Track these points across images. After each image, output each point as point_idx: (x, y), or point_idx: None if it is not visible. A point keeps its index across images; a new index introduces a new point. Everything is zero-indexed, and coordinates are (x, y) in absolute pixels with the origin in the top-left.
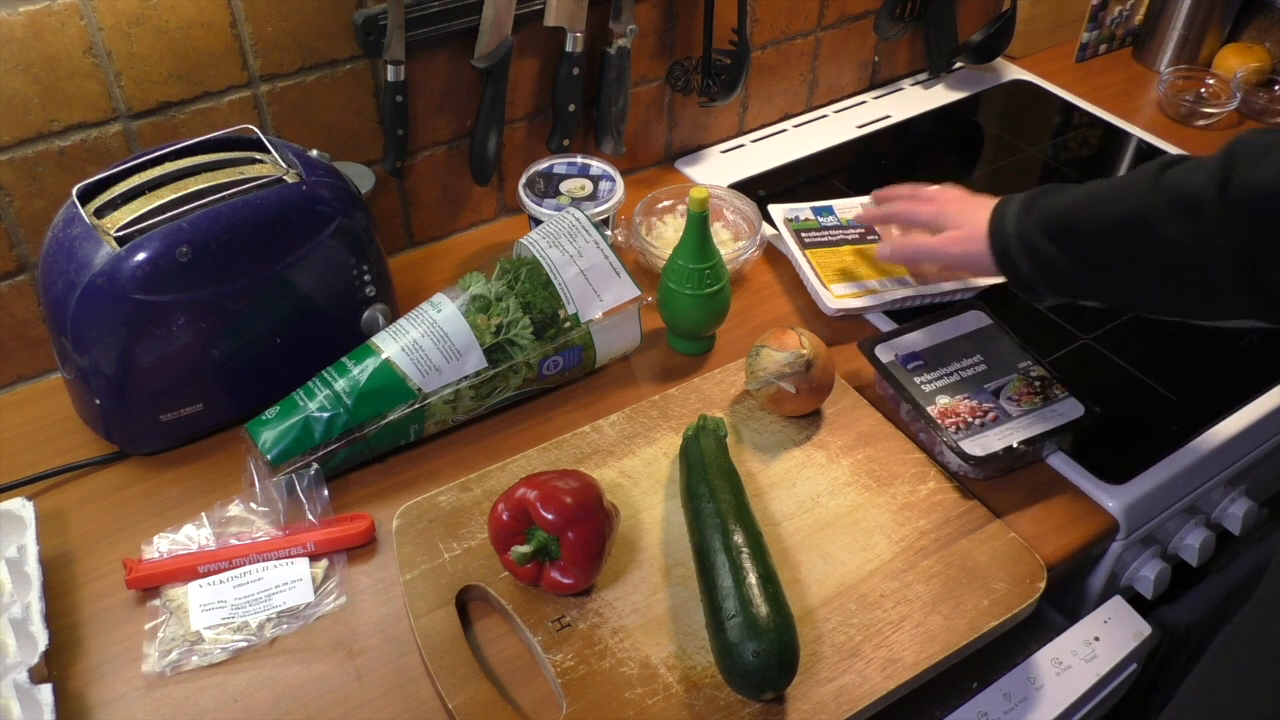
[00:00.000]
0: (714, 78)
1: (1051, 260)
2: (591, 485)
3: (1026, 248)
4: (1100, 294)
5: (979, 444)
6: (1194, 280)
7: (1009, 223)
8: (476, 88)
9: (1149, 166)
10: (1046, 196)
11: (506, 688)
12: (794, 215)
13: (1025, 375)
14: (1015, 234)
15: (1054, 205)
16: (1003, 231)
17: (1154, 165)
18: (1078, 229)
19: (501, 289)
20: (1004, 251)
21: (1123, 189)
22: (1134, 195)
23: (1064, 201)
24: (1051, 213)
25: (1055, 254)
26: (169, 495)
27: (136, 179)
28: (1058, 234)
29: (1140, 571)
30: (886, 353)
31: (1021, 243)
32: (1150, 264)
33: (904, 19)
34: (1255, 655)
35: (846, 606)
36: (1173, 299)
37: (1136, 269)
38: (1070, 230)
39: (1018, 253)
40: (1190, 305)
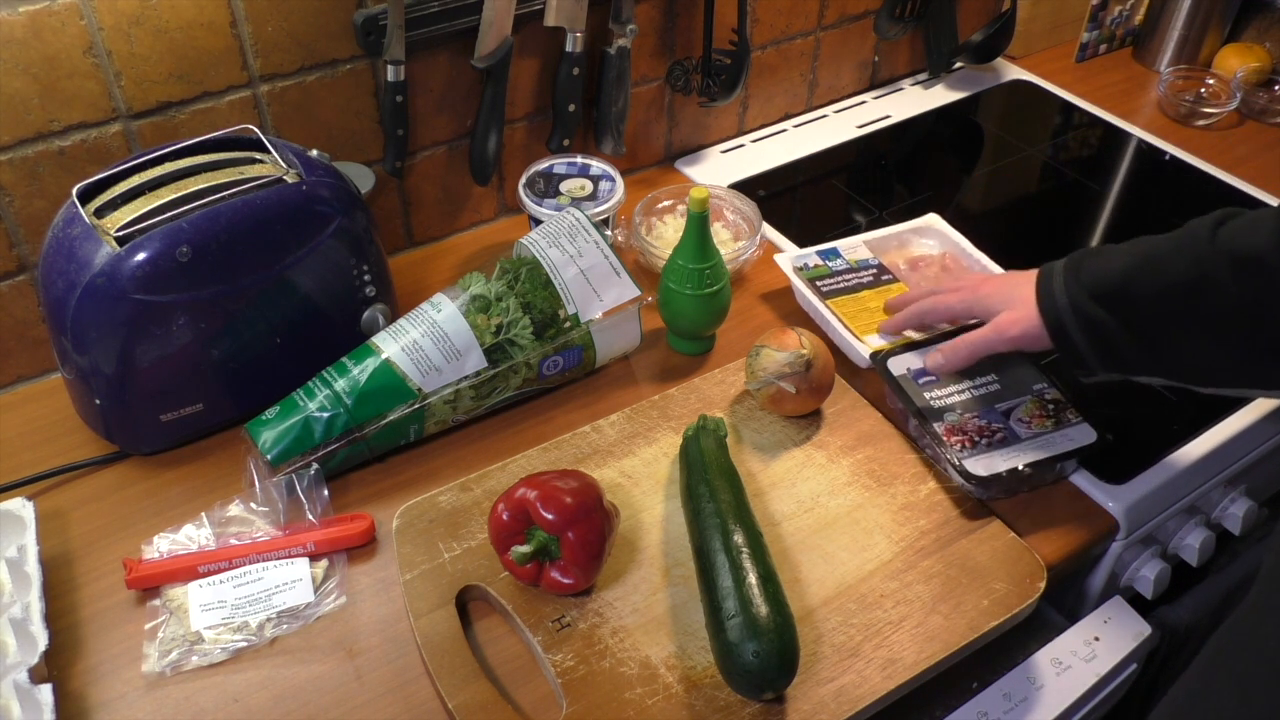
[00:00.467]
0: (714, 78)
1: (1107, 328)
2: (591, 485)
3: (1081, 318)
4: (1160, 366)
5: (983, 464)
6: (1259, 343)
7: (1058, 293)
8: (476, 88)
9: (1202, 224)
10: (1091, 260)
11: (506, 688)
12: (802, 263)
13: (1039, 398)
14: (1067, 305)
15: (1103, 270)
16: (1053, 302)
17: (1207, 222)
18: (1133, 293)
19: (501, 289)
20: (1058, 325)
21: (1177, 249)
22: (1190, 255)
23: (1113, 265)
24: (1102, 277)
25: (1110, 321)
26: (169, 495)
27: (136, 179)
28: (1112, 300)
29: (1140, 571)
30: (899, 366)
31: (1075, 313)
32: (1212, 327)
33: (904, 19)
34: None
35: (846, 606)
36: (1236, 365)
37: (1198, 333)
38: (1125, 295)
39: (1072, 324)
40: (1255, 372)
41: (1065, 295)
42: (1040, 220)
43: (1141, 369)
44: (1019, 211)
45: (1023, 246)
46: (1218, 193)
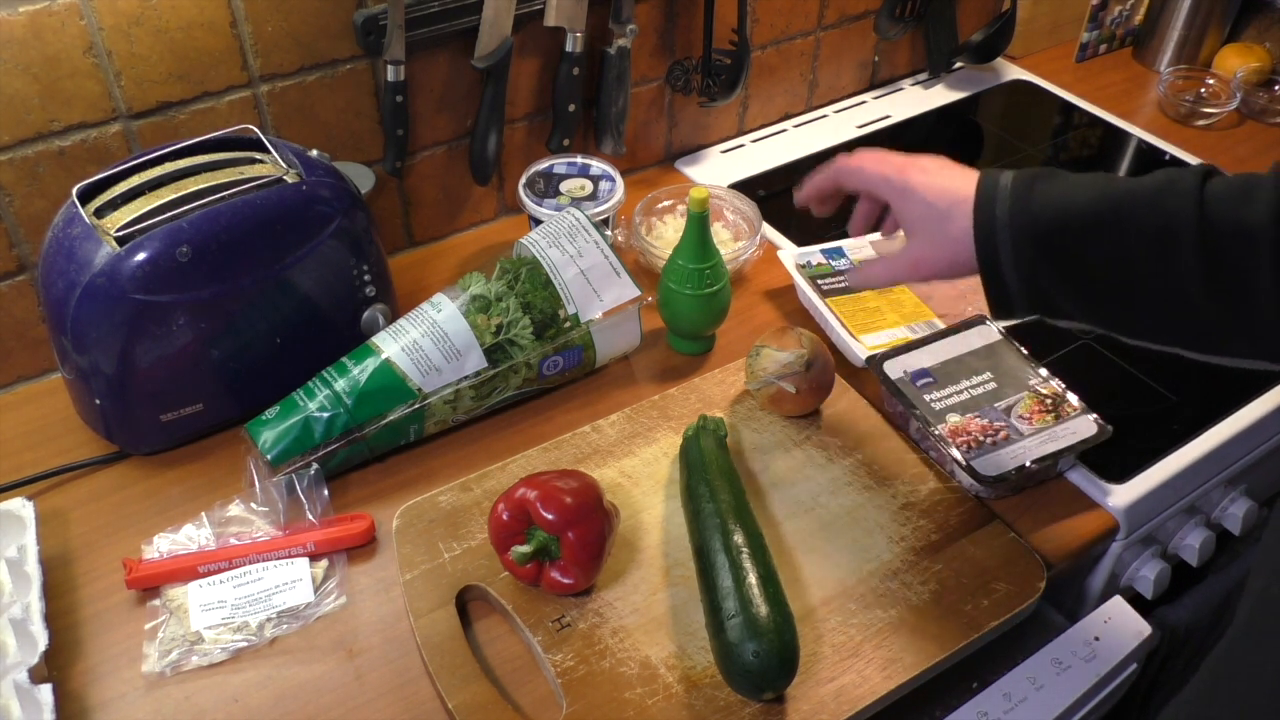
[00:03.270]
0: (714, 78)
1: (1048, 274)
2: (591, 485)
3: (1021, 258)
4: (1096, 317)
5: (991, 463)
6: (1219, 318)
7: (999, 224)
8: (476, 88)
9: (1185, 179)
10: (1045, 186)
11: (506, 688)
12: (805, 261)
13: (1036, 393)
14: (1009, 241)
15: (1059, 206)
16: (991, 234)
17: (1191, 176)
18: (1090, 242)
19: (501, 289)
20: (992, 261)
21: (1152, 201)
22: (1166, 211)
23: (1074, 201)
24: (1057, 215)
25: (1055, 268)
26: (169, 495)
27: (136, 179)
28: (1062, 245)
29: (1140, 571)
30: (895, 369)
31: (1016, 251)
32: (1170, 296)
33: (904, 19)
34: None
35: (846, 606)
36: (1181, 333)
37: (1152, 294)
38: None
39: (1009, 263)
40: (1201, 341)
41: (1008, 230)
42: None
43: (1074, 316)
44: None
45: None
46: None
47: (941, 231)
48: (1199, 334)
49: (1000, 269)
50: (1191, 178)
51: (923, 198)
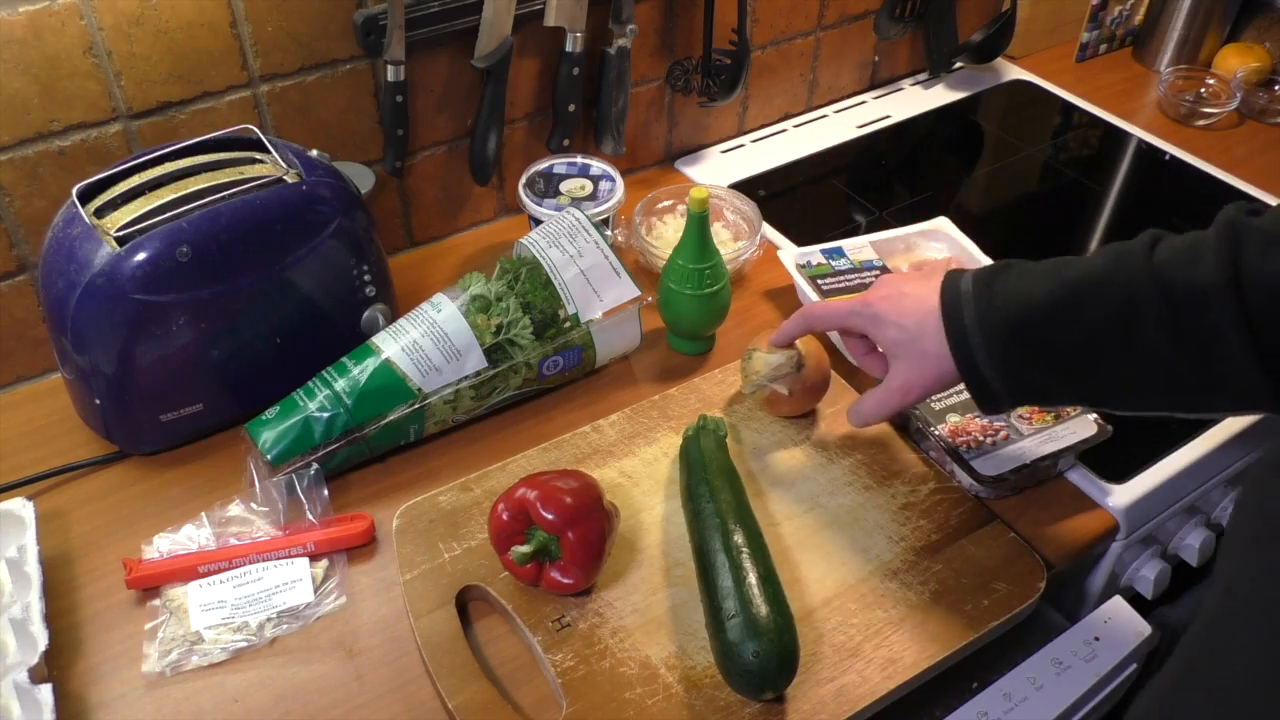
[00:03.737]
0: (714, 78)
1: (1025, 365)
2: (591, 485)
3: (996, 355)
4: (1081, 396)
5: (991, 463)
6: (1197, 379)
7: (969, 327)
8: (476, 88)
9: (1133, 250)
10: (1004, 283)
11: (506, 688)
12: (805, 260)
13: None
14: (981, 342)
15: (1021, 299)
16: (964, 339)
17: (1138, 249)
18: (1057, 328)
19: (501, 289)
20: (969, 364)
21: (1107, 278)
22: (1122, 286)
23: (1034, 294)
24: (1021, 309)
25: (1029, 358)
26: (169, 495)
27: (136, 179)
28: (1032, 336)
29: (1140, 571)
30: None
31: (990, 350)
32: (1143, 361)
33: (904, 19)
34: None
35: (846, 606)
36: (1165, 399)
37: (1126, 367)
38: (1047, 329)
39: (985, 363)
40: (1186, 402)
41: (979, 334)
42: (1040, 220)
43: (1060, 399)
44: (1019, 211)
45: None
46: (1217, 193)
47: (919, 351)
48: (1183, 398)
49: (980, 371)
50: (1139, 248)
51: (895, 322)
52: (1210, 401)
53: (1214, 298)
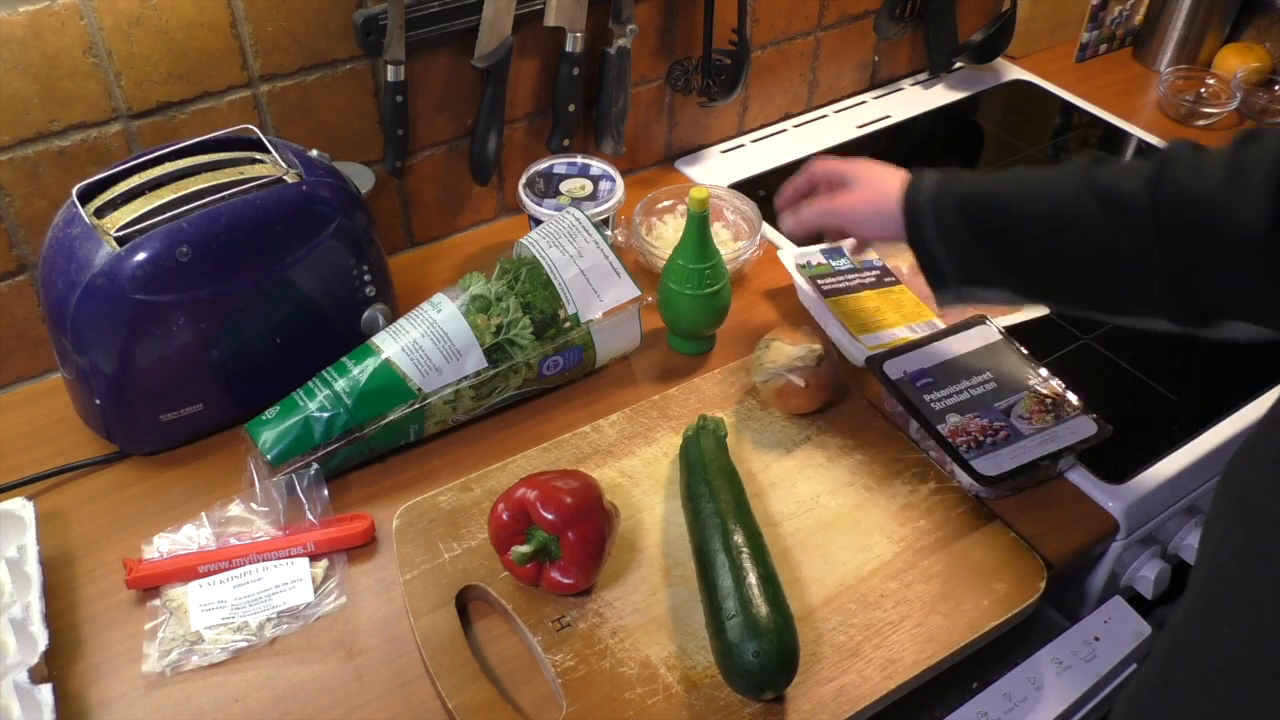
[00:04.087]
0: (714, 78)
1: (964, 236)
2: (591, 485)
3: (939, 221)
4: (1009, 282)
5: (991, 463)
6: (1114, 279)
7: (924, 192)
8: (476, 88)
9: (1079, 162)
10: (965, 175)
11: (506, 688)
12: (805, 261)
13: (1035, 393)
14: (930, 205)
15: (975, 185)
16: (916, 199)
17: (1084, 161)
18: (994, 214)
19: (501, 289)
20: (915, 221)
21: (1051, 181)
22: (1061, 189)
23: (986, 184)
24: (973, 191)
25: (969, 231)
26: (169, 495)
27: (136, 179)
28: (974, 214)
29: (1140, 571)
30: (895, 369)
31: (935, 214)
32: (1071, 260)
33: (904, 19)
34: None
35: (846, 606)
36: (1087, 295)
37: (1055, 263)
38: (987, 212)
39: (929, 223)
40: (1105, 302)
41: (931, 198)
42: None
43: (999, 288)
44: None
45: None
46: None
47: (878, 188)
48: (1105, 297)
49: (924, 235)
50: (1081, 160)
51: (867, 172)
52: (1126, 305)
53: (1135, 203)
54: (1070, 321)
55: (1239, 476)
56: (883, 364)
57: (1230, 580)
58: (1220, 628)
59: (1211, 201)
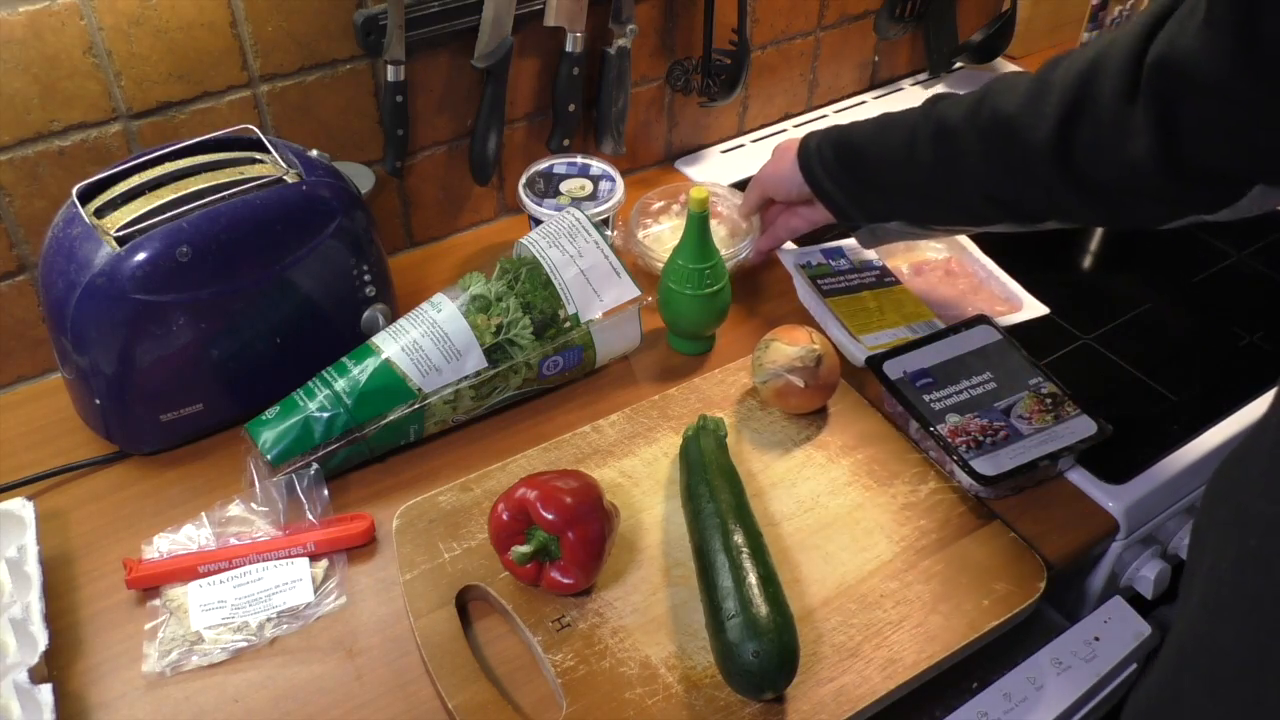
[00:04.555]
0: (714, 78)
1: (843, 173)
2: (591, 485)
3: (824, 165)
4: (897, 212)
5: (990, 463)
6: (956, 199)
7: (809, 144)
8: (476, 88)
9: (927, 100)
10: (844, 125)
11: (506, 688)
12: (805, 261)
13: (1036, 392)
14: (815, 153)
15: (843, 130)
16: (806, 150)
17: (931, 98)
18: (856, 152)
19: (501, 289)
20: (808, 168)
21: (900, 120)
22: (907, 125)
23: (851, 127)
24: (844, 135)
25: (844, 168)
26: (169, 495)
27: (136, 179)
28: (845, 155)
29: (1140, 571)
30: (895, 369)
31: (820, 160)
32: (917, 183)
33: (904, 19)
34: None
35: (846, 606)
36: (946, 215)
37: (908, 187)
38: (851, 152)
39: (817, 168)
40: (957, 218)
41: (815, 148)
42: None
43: (887, 214)
44: None
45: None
46: None
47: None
48: (957, 213)
49: (819, 178)
50: (927, 100)
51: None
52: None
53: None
54: (1070, 321)
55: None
56: (883, 364)
57: (1231, 586)
58: (1225, 634)
59: (1014, 118)
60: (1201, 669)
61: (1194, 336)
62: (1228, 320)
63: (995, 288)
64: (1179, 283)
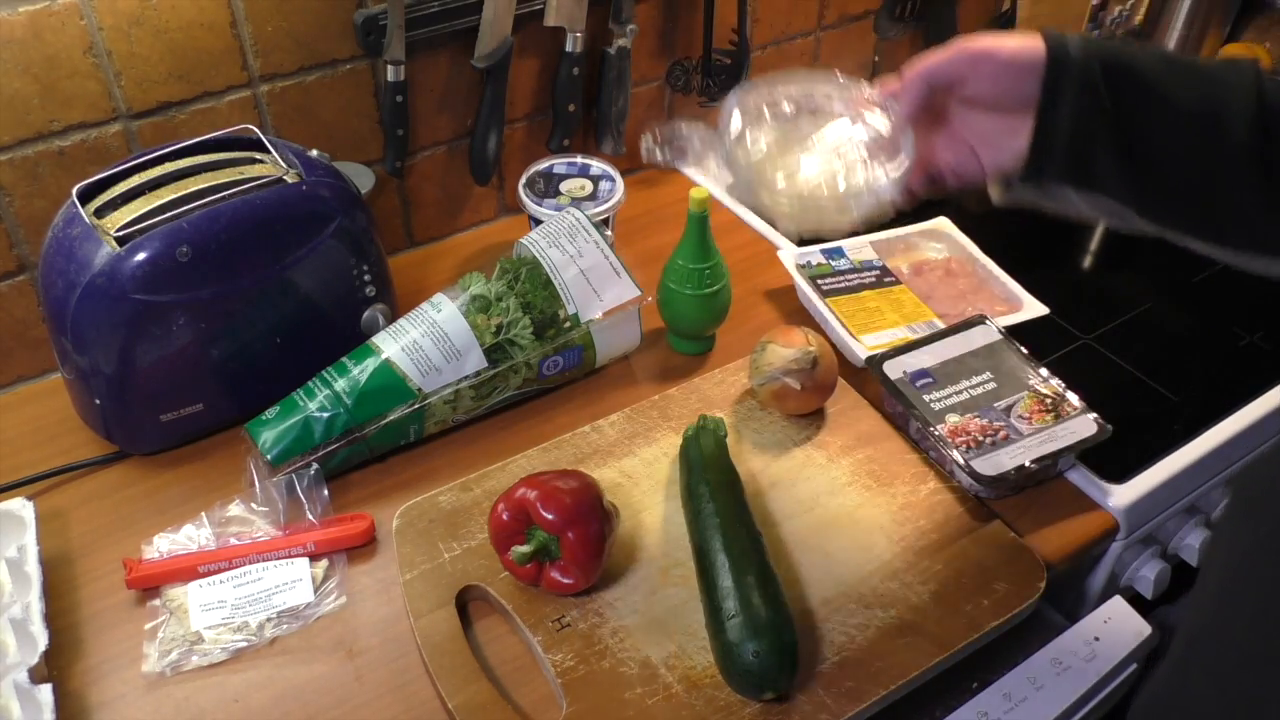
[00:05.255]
0: (714, 78)
1: (1097, 113)
2: (591, 485)
3: (1085, 81)
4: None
5: (990, 463)
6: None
7: (1072, 45)
8: (476, 88)
9: (1243, 63)
10: (1110, 42)
11: (506, 688)
12: (805, 261)
13: (1036, 392)
14: (1079, 59)
15: (1122, 53)
16: (1065, 47)
17: (1248, 64)
18: (1145, 94)
19: (501, 289)
20: (1057, 72)
21: (1209, 70)
22: (1230, 85)
23: (1136, 54)
24: (1117, 59)
25: (1107, 104)
26: (169, 495)
27: (136, 179)
28: (1119, 83)
29: (1140, 571)
30: (895, 369)
31: (1083, 72)
32: (1220, 159)
33: (904, 19)
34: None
35: (846, 606)
36: (1219, 215)
37: (1197, 163)
38: (1133, 85)
39: (1072, 79)
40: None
41: (1080, 51)
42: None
43: (1104, 181)
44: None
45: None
46: None
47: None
48: (1228, 218)
49: (1059, 99)
50: (1248, 64)
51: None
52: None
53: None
54: (1070, 321)
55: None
56: (883, 364)
57: (1244, 577)
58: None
59: None
60: (1209, 659)
61: (1194, 336)
62: (1228, 320)
63: (995, 288)
64: (1179, 283)
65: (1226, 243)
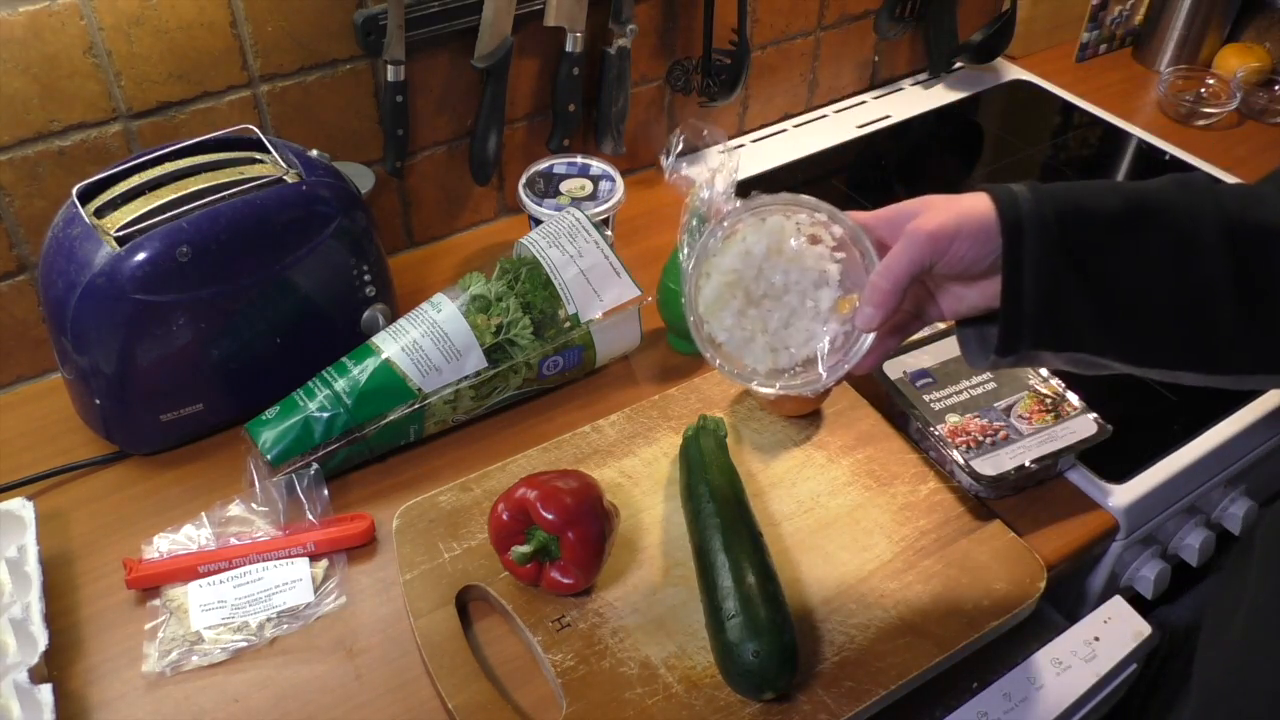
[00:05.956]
0: (714, 78)
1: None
2: (591, 485)
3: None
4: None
5: (990, 463)
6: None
7: (1021, 199)
8: (476, 88)
9: (1196, 181)
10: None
11: (506, 688)
12: None
13: (1035, 392)
14: (1033, 215)
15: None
16: (1015, 204)
17: (1201, 180)
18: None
19: (501, 289)
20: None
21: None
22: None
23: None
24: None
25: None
26: (169, 495)
27: (136, 179)
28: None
29: (1140, 571)
30: (895, 369)
31: (1039, 226)
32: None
33: (904, 19)
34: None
35: (846, 606)
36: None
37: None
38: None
39: (1032, 237)
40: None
41: (1032, 205)
42: None
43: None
44: None
45: None
46: None
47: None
48: (1215, 351)
49: (1022, 267)
50: (1201, 180)
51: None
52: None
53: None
54: None
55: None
56: (883, 364)
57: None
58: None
59: None
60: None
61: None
62: None
63: None
64: None
65: (1219, 369)
